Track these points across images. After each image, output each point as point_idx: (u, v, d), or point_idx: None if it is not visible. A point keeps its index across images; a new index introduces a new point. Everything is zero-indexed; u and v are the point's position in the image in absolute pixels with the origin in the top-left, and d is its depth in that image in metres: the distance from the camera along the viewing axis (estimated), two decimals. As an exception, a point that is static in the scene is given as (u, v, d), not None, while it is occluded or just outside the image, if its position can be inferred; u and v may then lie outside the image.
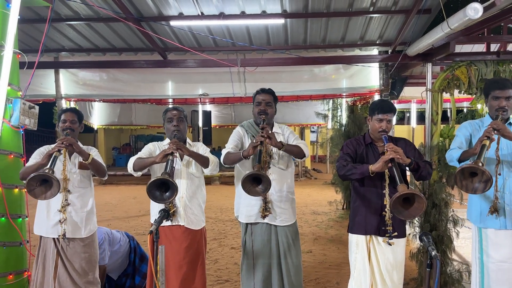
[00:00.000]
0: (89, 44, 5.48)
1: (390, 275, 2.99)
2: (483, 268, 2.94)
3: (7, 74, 3.34)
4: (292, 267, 3.31)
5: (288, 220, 3.33)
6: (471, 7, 3.24)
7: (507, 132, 2.72)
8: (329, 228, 8.27)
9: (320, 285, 5.38)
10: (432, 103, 5.07)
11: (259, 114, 3.26)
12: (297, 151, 3.21)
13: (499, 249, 2.88)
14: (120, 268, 4.18)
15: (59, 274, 3.13)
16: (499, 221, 2.87)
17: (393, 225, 2.94)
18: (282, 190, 3.31)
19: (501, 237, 2.88)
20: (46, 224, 3.19)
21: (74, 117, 3.35)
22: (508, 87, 2.87)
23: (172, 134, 3.16)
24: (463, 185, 2.64)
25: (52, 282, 3.11)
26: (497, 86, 2.90)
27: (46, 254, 3.18)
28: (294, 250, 3.34)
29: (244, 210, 3.35)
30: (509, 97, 2.87)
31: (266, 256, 3.30)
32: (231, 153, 3.23)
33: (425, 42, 4.41)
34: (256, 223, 3.31)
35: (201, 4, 4.46)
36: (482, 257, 2.95)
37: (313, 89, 6.07)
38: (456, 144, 3.01)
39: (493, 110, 2.92)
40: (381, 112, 2.96)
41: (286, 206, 3.33)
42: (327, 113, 11.20)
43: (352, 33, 5.09)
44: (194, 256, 3.17)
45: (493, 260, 2.89)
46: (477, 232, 3.00)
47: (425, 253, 5.02)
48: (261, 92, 3.35)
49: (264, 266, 3.31)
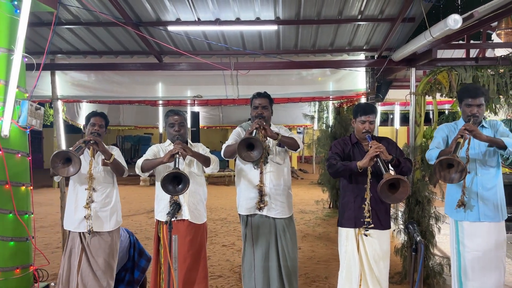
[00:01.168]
0: (87, 46, 5.63)
1: (378, 265, 3.25)
2: (460, 257, 3.23)
3: (16, 77, 3.50)
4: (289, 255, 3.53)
5: (285, 213, 3.56)
6: (451, 18, 3.51)
7: (478, 133, 3.01)
8: (317, 226, 8.54)
9: (309, 279, 5.62)
10: (416, 105, 5.36)
11: (256, 117, 3.48)
12: (291, 142, 3.45)
13: (474, 239, 3.18)
14: (120, 262, 4.35)
15: (82, 269, 3.30)
16: (473, 214, 3.16)
17: (378, 217, 3.21)
18: (279, 184, 3.53)
19: (475, 229, 3.18)
20: (73, 219, 3.36)
21: (102, 122, 3.57)
22: (479, 96, 3.16)
23: (174, 137, 3.36)
24: (442, 175, 2.92)
25: (76, 276, 3.28)
26: (469, 95, 3.18)
27: (72, 250, 3.35)
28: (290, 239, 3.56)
29: (244, 203, 3.56)
30: (480, 104, 3.16)
31: (264, 245, 3.51)
32: (230, 145, 3.46)
33: (409, 48, 4.69)
34: (255, 214, 3.52)
35: (198, 10, 4.66)
36: (459, 247, 3.23)
37: (302, 91, 6.31)
38: (434, 145, 3.29)
39: (466, 115, 3.20)
40: (364, 114, 3.24)
41: (283, 200, 3.55)
42: (314, 114, 11.48)
43: (341, 39, 5.36)
44: (198, 248, 3.39)
45: (468, 250, 3.18)
46: (454, 225, 3.29)
47: (408, 248, 5.30)
48: (258, 96, 3.58)
49: (262, 254, 3.51)
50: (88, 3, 4.38)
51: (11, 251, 3.60)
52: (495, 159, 3.22)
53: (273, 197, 3.52)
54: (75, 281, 3.29)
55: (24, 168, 3.69)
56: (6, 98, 3.50)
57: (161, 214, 3.42)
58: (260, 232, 3.54)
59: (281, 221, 3.55)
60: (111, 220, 3.44)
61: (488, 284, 3.16)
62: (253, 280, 3.53)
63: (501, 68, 5.25)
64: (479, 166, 3.18)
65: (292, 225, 3.64)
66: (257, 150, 3.14)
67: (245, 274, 3.61)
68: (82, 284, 3.30)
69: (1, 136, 3.49)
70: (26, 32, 3.56)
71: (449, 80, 5.29)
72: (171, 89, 6.27)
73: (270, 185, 3.50)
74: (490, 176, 3.20)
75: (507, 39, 6.55)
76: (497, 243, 3.18)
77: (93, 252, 3.34)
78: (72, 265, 3.34)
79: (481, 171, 3.19)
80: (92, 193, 3.39)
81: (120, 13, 4.51)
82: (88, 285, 3.31)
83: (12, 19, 3.55)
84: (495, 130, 3.25)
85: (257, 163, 3.47)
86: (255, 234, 3.55)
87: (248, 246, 3.57)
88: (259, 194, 3.49)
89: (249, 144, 3.16)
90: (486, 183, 3.18)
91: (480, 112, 3.17)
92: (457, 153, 2.89)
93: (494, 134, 3.24)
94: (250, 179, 3.54)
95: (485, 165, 3.20)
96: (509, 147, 3.01)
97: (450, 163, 2.87)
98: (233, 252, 6.86)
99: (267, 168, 3.48)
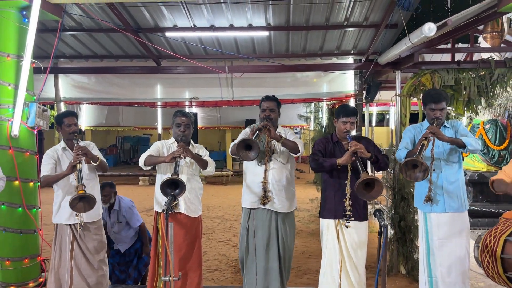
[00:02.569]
0: (88, 51, 5.92)
1: (355, 253, 3.54)
2: (429, 245, 3.52)
3: (25, 81, 3.79)
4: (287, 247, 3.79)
5: (286, 208, 3.80)
6: (426, 26, 3.82)
7: (441, 135, 3.30)
8: (310, 223, 8.84)
9: (301, 272, 5.93)
10: (401, 106, 5.65)
11: (264, 119, 3.73)
12: (292, 145, 3.67)
13: (440, 228, 3.48)
14: (130, 242, 4.62)
15: (75, 253, 3.57)
16: (439, 206, 3.46)
17: (357, 209, 3.50)
18: (282, 181, 3.76)
19: (441, 219, 3.48)
20: (63, 214, 3.60)
21: (76, 121, 3.69)
22: (442, 100, 3.45)
23: (178, 137, 3.63)
24: (408, 174, 3.23)
25: (69, 262, 3.55)
26: (432, 100, 3.47)
27: (63, 238, 3.61)
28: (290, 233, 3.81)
29: (248, 197, 3.81)
30: (442, 108, 3.45)
31: (265, 236, 3.76)
32: (235, 144, 3.69)
33: (393, 53, 4.98)
34: (258, 208, 3.78)
35: (194, 17, 4.96)
36: (427, 236, 3.53)
37: (295, 93, 6.61)
38: (403, 145, 3.59)
39: (430, 118, 3.50)
40: (346, 116, 3.53)
41: (285, 196, 3.78)
42: (309, 115, 11.74)
43: (329, 43, 5.66)
44: (192, 239, 3.67)
45: (435, 238, 3.48)
46: (423, 216, 3.59)
47: (395, 242, 5.58)
48: (266, 99, 3.83)
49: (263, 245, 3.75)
50: (90, 11, 4.68)
51: (20, 243, 3.90)
52: (457, 156, 3.52)
53: (276, 192, 3.75)
54: (68, 266, 3.56)
55: (32, 166, 3.98)
56: (16, 101, 3.80)
57: (158, 206, 3.69)
58: (262, 224, 3.78)
59: (282, 216, 3.80)
60: (95, 210, 3.65)
61: (454, 268, 3.45)
62: (255, 269, 3.79)
63: (482, 71, 5.55)
64: (443, 163, 3.48)
65: (292, 220, 3.89)
66: (254, 151, 3.42)
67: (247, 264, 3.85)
68: (76, 267, 3.57)
69: (11, 135, 3.79)
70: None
71: (432, 82, 5.58)
72: (169, 91, 6.57)
73: (273, 181, 3.74)
74: (453, 171, 3.50)
75: (492, 42, 6.81)
76: (461, 231, 3.48)
77: (84, 239, 3.62)
78: (63, 252, 3.59)
79: (445, 167, 3.49)
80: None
81: (121, 20, 4.81)
82: (82, 267, 3.59)
83: (21, 27, 3.85)
84: (456, 130, 3.55)
85: (262, 161, 3.73)
86: (257, 226, 3.79)
87: (250, 237, 3.82)
88: (263, 190, 3.73)
89: (247, 145, 3.43)
90: (450, 178, 3.48)
91: (443, 115, 3.46)
92: (421, 154, 3.19)
93: (455, 133, 3.54)
94: (255, 175, 3.79)
95: (449, 162, 3.50)
96: (468, 145, 3.31)
97: (415, 163, 3.17)
98: (228, 248, 7.15)
99: (270, 165, 3.74)
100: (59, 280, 3.60)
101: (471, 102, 5.77)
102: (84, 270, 3.60)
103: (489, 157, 7.76)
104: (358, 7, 4.69)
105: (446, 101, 3.48)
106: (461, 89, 5.59)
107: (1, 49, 3.78)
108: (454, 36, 5.37)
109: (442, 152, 3.47)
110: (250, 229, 3.83)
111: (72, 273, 3.56)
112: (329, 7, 4.70)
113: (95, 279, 3.65)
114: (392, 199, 5.69)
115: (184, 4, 4.58)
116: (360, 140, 3.57)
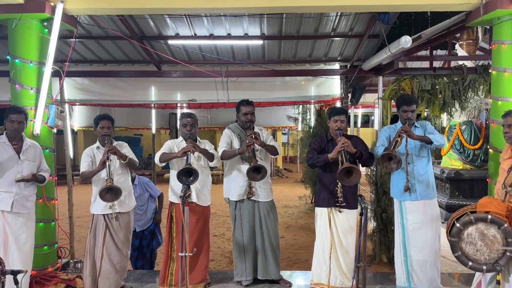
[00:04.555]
0: (94, 56, 6.34)
1: (346, 237, 4.06)
2: (404, 229, 4.05)
3: (47, 86, 4.22)
4: (271, 229, 4.31)
5: (267, 197, 4.34)
6: (403, 38, 4.36)
7: (411, 134, 3.83)
8: (299, 218, 9.36)
9: (291, 262, 6.43)
10: (383, 109, 6.19)
11: (246, 122, 4.26)
12: (273, 149, 4.29)
13: (413, 214, 4.02)
14: (145, 223, 5.06)
15: (107, 242, 4.02)
16: (413, 195, 3.99)
17: (347, 199, 4.01)
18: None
19: (414, 206, 4.01)
20: (98, 205, 4.03)
21: (109, 124, 4.14)
22: (413, 103, 3.99)
23: (186, 136, 4.11)
24: (384, 166, 3.77)
25: (101, 248, 4.00)
26: (404, 103, 4.00)
27: (97, 227, 4.05)
28: (272, 217, 4.34)
29: (235, 191, 4.31)
30: (413, 110, 3.98)
31: (251, 223, 4.28)
32: (227, 151, 4.22)
33: (375, 60, 5.51)
34: (243, 200, 4.28)
35: (195, 26, 5.43)
36: (403, 221, 4.06)
37: (286, 96, 7.07)
38: (380, 143, 4.11)
39: (403, 119, 4.03)
40: (336, 115, 4.04)
41: (266, 187, 4.33)
42: (298, 116, 12.23)
43: (318, 51, 6.18)
44: (202, 225, 4.19)
45: (409, 222, 4.02)
46: (398, 205, 4.13)
47: (377, 233, 6.11)
48: (246, 104, 4.33)
49: (250, 230, 4.28)
50: (100, 20, 5.10)
51: (40, 231, 4.30)
52: (426, 151, 4.05)
53: (259, 185, 4.29)
54: (100, 251, 4.00)
55: (51, 161, 4.39)
56: (38, 103, 4.22)
57: (174, 197, 4.17)
58: (248, 213, 4.30)
59: (265, 204, 4.32)
60: (128, 203, 4.15)
61: (426, 248, 3.98)
62: (243, 251, 4.29)
63: (456, 77, 6.12)
64: (415, 157, 4.01)
65: (274, 207, 4.41)
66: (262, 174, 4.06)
67: (236, 247, 4.36)
68: (107, 254, 4.01)
69: (34, 134, 4.20)
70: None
71: (411, 87, 6.12)
72: (168, 94, 6.99)
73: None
74: (423, 164, 4.03)
75: (468, 49, 7.38)
76: (432, 216, 4.02)
77: (115, 229, 4.05)
78: (97, 240, 4.04)
79: (416, 161, 4.02)
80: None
81: (128, 29, 5.25)
82: (112, 254, 4.03)
83: (42, 37, 4.27)
84: (425, 129, 4.09)
85: (247, 159, 4.22)
86: (244, 215, 4.31)
87: (238, 225, 4.33)
88: (248, 185, 4.25)
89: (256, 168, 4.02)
90: (420, 170, 4.01)
91: (414, 116, 4.00)
92: (395, 149, 3.74)
93: (424, 131, 4.07)
94: (239, 172, 4.30)
95: (419, 156, 4.03)
96: (434, 141, 3.85)
97: (390, 156, 3.72)
98: (223, 241, 7.63)
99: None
100: (94, 263, 4.05)
101: (446, 105, 6.34)
102: (114, 257, 4.05)
103: (464, 156, 8.35)
104: (344, 19, 5.22)
105: (416, 104, 4.02)
106: (437, 93, 6.15)
107: (25, 57, 4.20)
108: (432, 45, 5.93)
109: (414, 148, 4.00)
110: (237, 218, 4.36)
111: (102, 259, 4.00)
112: (317, 19, 5.22)
113: (122, 264, 4.12)
114: (374, 193, 6.21)
115: (187, 16, 5.04)
116: (350, 138, 4.08)
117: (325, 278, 4.07)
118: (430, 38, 4.97)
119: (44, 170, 4.01)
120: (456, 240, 3.10)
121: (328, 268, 4.06)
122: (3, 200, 3.70)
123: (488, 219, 3.03)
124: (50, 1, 4.15)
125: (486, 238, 3.05)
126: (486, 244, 3.06)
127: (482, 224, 3.06)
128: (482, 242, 3.07)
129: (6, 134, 3.82)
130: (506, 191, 3.16)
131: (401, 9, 4.51)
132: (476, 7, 4.14)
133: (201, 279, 4.22)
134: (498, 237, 3.02)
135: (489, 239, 3.04)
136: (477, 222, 3.07)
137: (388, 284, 4.47)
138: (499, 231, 3.02)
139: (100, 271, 4.00)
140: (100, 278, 4.01)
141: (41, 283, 4.04)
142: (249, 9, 4.39)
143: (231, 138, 4.38)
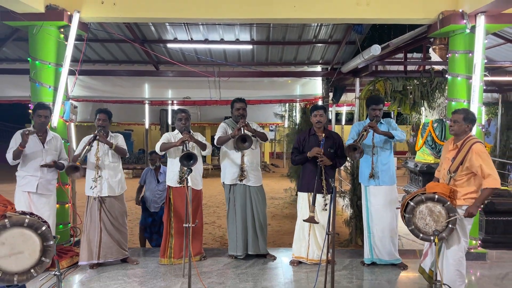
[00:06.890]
0: (97, 56, 6.92)
1: (323, 217, 4.71)
2: (368, 210, 4.76)
3: (64, 85, 4.81)
4: (260, 211, 4.97)
5: (257, 182, 4.99)
6: (374, 47, 5.04)
7: (377, 129, 4.51)
8: (284, 209, 10.03)
9: (276, 245, 7.08)
10: (360, 107, 6.87)
11: (239, 117, 4.88)
12: (262, 135, 4.91)
13: (376, 197, 4.71)
14: (159, 202, 5.67)
15: (103, 218, 4.63)
16: (375, 181, 4.69)
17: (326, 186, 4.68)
18: (253, 162, 4.94)
19: (377, 191, 4.71)
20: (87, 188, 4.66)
21: (105, 117, 4.76)
22: (380, 103, 4.67)
23: (181, 128, 4.74)
24: (350, 155, 4.47)
25: (99, 224, 4.61)
26: (373, 102, 4.68)
27: (92, 207, 4.66)
28: (261, 199, 5.00)
29: (229, 176, 4.95)
30: (380, 109, 4.67)
31: (242, 204, 4.93)
32: (222, 136, 4.84)
33: (352, 64, 6.20)
34: (236, 184, 4.93)
35: (192, 32, 6.05)
36: (367, 203, 4.76)
37: (273, 95, 7.75)
38: (350, 136, 4.77)
39: (371, 116, 4.70)
40: (315, 110, 4.72)
41: (256, 173, 4.98)
42: (284, 113, 12.84)
43: (302, 55, 6.87)
44: (196, 206, 4.80)
45: (372, 204, 4.73)
46: (364, 189, 4.83)
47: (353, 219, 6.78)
48: (238, 101, 4.97)
49: (242, 211, 4.93)
50: (107, 26, 5.69)
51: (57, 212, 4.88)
52: (389, 144, 4.73)
53: (249, 171, 4.94)
54: (98, 227, 4.61)
55: (66, 151, 4.98)
56: (56, 100, 4.81)
57: (171, 181, 4.79)
58: (240, 196, 4.95)
59: (255, 188, 4.97)
60: (119, 187, 4.75)
61: (386, 225, 4.67)
62: (235, 228, 4.95)
63: (424, 79, 6.83)
64: (379, 149, 4.70)
65: (262, 191, 5.07)
66: (248, 143, 4.67)
67: (230, 226, 5.01)
68: (104, 227, 4.62)
69: (52, 127, 4.80)
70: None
71: (384, 88, 6.81)
72: (165, 92, 7.60)
73: (248, 163, 4.91)
74: (386, 155, 4.72)
75: (440, 53, 8.08)
76: (391, 199, 4.70)
77: (108, 208, 4.67)
78: (93, 217, 4.63)
79: (380, 152, 4.71)
80: (99, 170, 4.64)
81: (131, 33, 5.85)
82: (108, 228, 4.65)
83: (59, 41, 4.86)
84: (389, 125, 4.76)
85: (240, 148, 4.86)
86: (236, 198, 4.95)
87: (231, 206, 4.97)
88: (240, 170, 4.90)
89: (243, 138, 4.64)
90: (384, 160, 4.70)
91: (380, 114, 4.68)
92: (361, 141, 4.43)
93: (389, 127, 4.74)
94: (233, 159, 4.93)
95: (383, 148, 4.71)
96: (396, 137, 4.53)
97: (354, 147, 4.42)
98: (214, 228, 8.25)
99: (246, 151, 4.89)
100: (89, 240, 4.64)
101: (416, 104, 7.05)
102: (110, 230, 4.66)
103: (436, 151, 9.08)
104: (324, 28, 5.91)
105: (383, 103, 4.71)
106: (407, 93, 6.83)
107: (45, 59, 4.80)
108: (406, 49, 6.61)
109: (379, 141, 4.69)
110: (231, 200, 4.98)
111: (101, 232, 4.61)
112: (301, 28, 5.91)
113: (119, 235, 4.73)
114: (351, 183, 6.89)
115: (185, 23, 5.67)
116: (331, 134, 4.76)
117: (304, 252, 4.76)
118: (399, 45, 5.66)
119: (63, 158, 4.61)
120: (410, 216, 3.79)
121: (307, 243, 4.74)
122: (29, 182, 4.31)
123: (435, 198, 3.73)
124: (67, 11, 4.74)
125: (434, 214, 3.75)
126: (433, 219, 3.76)
127: (431, 202, 3.76)
128: (430, 217, 3.77)
129: (33, 127, 4.41)
130: (451, 176, 3.87)
131: (370, 21, 5.20)
132: (434, 21, 4.86)
133: (196, 252, 4.88)
134: (442, 213, 3.73)
135: (436, 215, 3.75)
136: (427, 201, 3.76)
137: (358, 258, 5.15)
138: (443, 208, 3.72)
139: (100, 243, 4.60)
140: (101, 248, 4.61)
141: (60, 255, 4.62)
142: (241, 20, 5.04)
143: (226, 129, 4.99)
